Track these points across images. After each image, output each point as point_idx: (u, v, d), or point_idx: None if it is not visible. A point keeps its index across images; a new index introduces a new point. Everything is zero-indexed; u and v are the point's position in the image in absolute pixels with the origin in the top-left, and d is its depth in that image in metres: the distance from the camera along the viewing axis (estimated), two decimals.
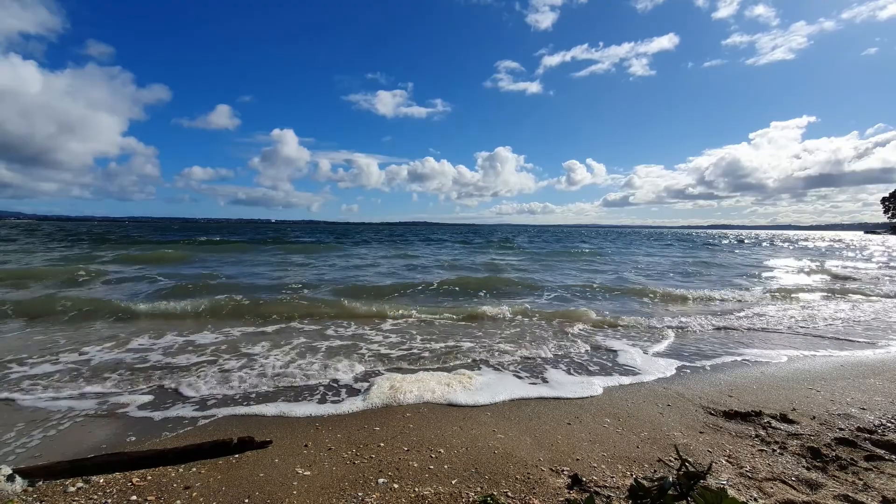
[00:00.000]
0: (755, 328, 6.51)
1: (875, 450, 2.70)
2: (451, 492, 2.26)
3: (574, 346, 5.40)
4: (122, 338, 5.43)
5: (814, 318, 7.28)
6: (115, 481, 2.31)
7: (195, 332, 5.85)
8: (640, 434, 2.99)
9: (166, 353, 4.85)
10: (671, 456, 2.66)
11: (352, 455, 2.65)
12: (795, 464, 2.55)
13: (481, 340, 5.59)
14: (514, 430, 3.04)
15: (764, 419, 3.21)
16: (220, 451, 2.61)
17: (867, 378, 4.21)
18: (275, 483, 2.33)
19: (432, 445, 2.80)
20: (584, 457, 2.66)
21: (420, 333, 5.93)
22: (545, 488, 2.30)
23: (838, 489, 2.26)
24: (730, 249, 30.47)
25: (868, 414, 3.33)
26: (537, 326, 6.44)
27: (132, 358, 4.67)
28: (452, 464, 2.57)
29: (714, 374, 4.37)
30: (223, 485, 2.31)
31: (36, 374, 4.10)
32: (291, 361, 4.60)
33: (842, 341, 5.76)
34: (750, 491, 2.24)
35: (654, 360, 4.82)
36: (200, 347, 5.12)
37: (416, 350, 5.15)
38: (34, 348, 4.95)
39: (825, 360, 4.90)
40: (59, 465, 2.40)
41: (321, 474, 2.43)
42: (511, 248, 26.88)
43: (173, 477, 2.37)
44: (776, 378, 4.24)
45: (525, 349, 5.19)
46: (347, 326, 6.31)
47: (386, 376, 4.15)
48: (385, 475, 2.42)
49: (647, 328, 6.40)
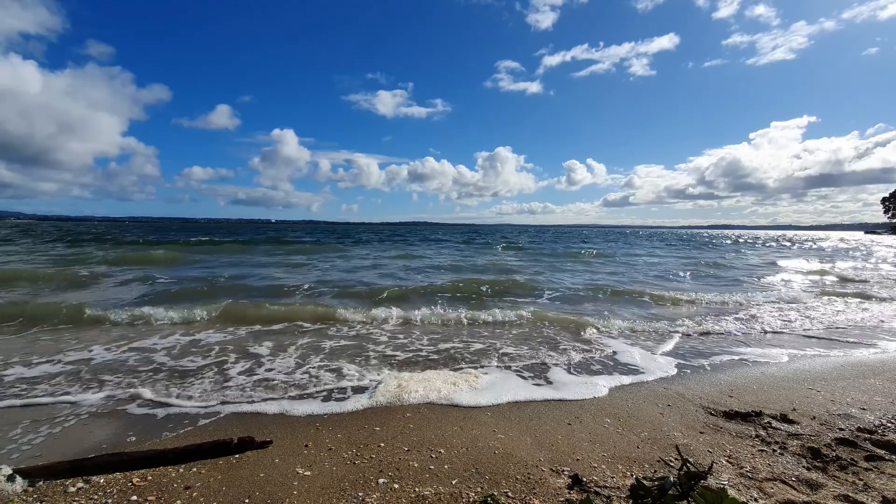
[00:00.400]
0: (759, 331, 6.50)
1: (875, 450, 2.71)
2: (451, 492, 2.26)
3: (577, 347, 5.41)
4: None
5: (820, 319, 7.27)
6: (116, 481, 2.31)
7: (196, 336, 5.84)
8: (641, 434, 2.99)
9: (170, 354, 4.85)
10: (672, 456, 2.66)
11: (352, 455, 2.65)
12: (796, 464, 2.55)
13: (487, 341, 5.60)
14: (514, 431, 3.04)
15: (764, 419, 3.21)
16: (220, 452, 2.61)
17: (867, 378, 4.21)
18: (275, 483, 2.33)
19: (433, 445, 2.80)
20: (585, 457, 2.66)
21: (426, 334, 5.94)
22: (545, 488, 2.30)
23: (838, 489, 2.26)
24: (736, 250, 30.40)
25: (868, 414, 3.33)
26: (543, 328, 6.43)
27: (134, 360, 4.67)
28: (453, 464, 2.57)
29: (714, 375, 4.37)
30: (223, 485, 2.31)
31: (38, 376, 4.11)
32: (297, 364, 4.58)
33: (849, 343, 5.76)
34: (750, 491, 2.24)
35: (655, 360, 4.82)
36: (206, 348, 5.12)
37: (423, 351, 5.15)
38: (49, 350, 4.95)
39: (825, 360, 4.91)
40: (59, 465, 2.40)
41: (321, 474, 2.43)
42: (516, 249, 26.68)
43: (174, 477, 2.37)
44: (776, 378, 4.24)
45: (529, 350, 5.20)
46: (352, 327, 6.30)
47: (393, 374, 4.16)
48: (385, 475, 2.43)
49: (652, 331, 6.33)
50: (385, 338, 5.71)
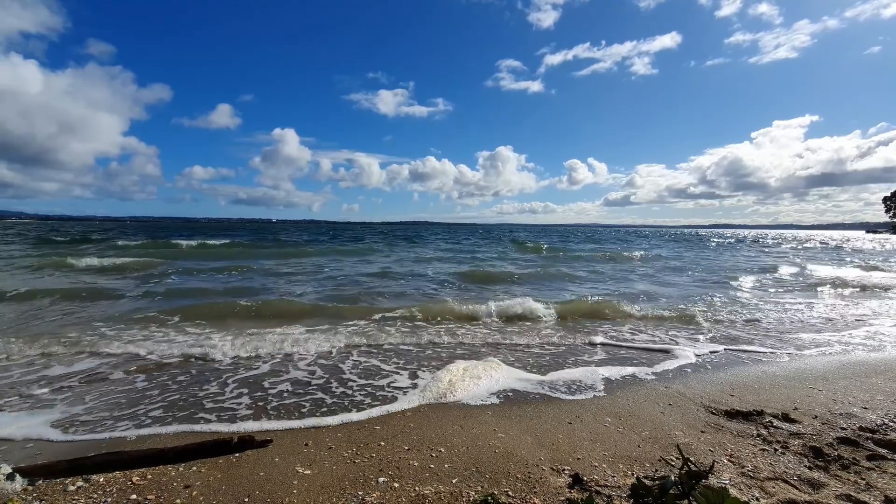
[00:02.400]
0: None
1: (877, 449, 2.69)
2: (451, 491, 2.25)
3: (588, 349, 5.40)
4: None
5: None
6: (116, 480, 2.31)
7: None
8: (642, 433, 2.98)
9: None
10: (673, 455, 2.65)
11: (352, 454, 2.65)
12: (797, 463, 2.54)
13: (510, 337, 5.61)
14: (514, 430, 3.03)
15: (766, 418, 3.19)
16: (220, 450, 2.61)
17: (869, 377, 4.20)
18: (275, 482, 2.33)
19: (433, 444, 2.79)
20: (585, 456, 2.65)
21: (459, 331, 6.01)
22: (546, 487, 2.29)
23: (840, 489, 2.25)
24: (748, 249, 30.05)
25: (870, 413, 3.32)
26: (566, 329, 6.38)
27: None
28: (453, 463, 2.56)
29: (715, 373, 4.36)
30: (223, 484, 2.30)
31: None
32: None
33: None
34: (752, 490, 2.23)
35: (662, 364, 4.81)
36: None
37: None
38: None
39: (826, 359, 4.89)
40: (58, 463, 2.40)
41: (321, 473, 2.43)
42: (533, 251, 25.08)
43: (173, 476, 2.37)
44: (777, 377, 4.23)
45: (547, 350, 5.20)
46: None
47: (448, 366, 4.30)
48: (385, 474, 2.42)
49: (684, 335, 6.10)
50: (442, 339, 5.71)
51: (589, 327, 6.44)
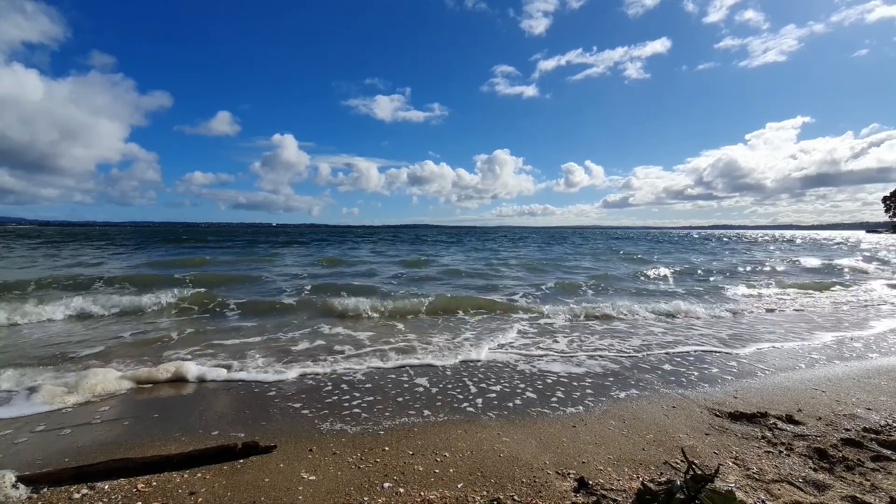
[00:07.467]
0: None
1: (882, 450, 2.69)
2: (457, 496, 2.25)
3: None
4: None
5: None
6: (121, 487, 2.31)
7: None
8: (646, 436, 2.98)
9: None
10: (677, 458, 2.65)
11: (357, 459, 2.65)
12: (802, 465, 2.54)
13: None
14: (519, 434, 3.03)
15: (770, 420, 3.19)
16: (224, 457, 2.61)
17: (872, 378, 4.20)
18: (280, 488, 2.33)
19: (437, 449, 2.79)
20: (590, 460, 2.65)
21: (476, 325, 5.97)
22: (551, 491, 2.29)
23: (845, 490, 2.25)
24: (764, 248, 29.70)
25: (874, 414, 3.32)
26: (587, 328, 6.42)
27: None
28: (458, 467, 2.56)
29: (718, 375, 4.35)
30: (228, 490, 2.30)
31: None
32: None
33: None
34: (757, 493, 2.23)
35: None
36: None
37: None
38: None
39: (830, 360, 4.88)
40: (63, 471, 2.40)
41: (326, 479, 2.42)
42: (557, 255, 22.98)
43: (178, 483, 2.37)
44: (781, 379, 4.22)
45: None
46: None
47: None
48: (390, 479, 2.42)
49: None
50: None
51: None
